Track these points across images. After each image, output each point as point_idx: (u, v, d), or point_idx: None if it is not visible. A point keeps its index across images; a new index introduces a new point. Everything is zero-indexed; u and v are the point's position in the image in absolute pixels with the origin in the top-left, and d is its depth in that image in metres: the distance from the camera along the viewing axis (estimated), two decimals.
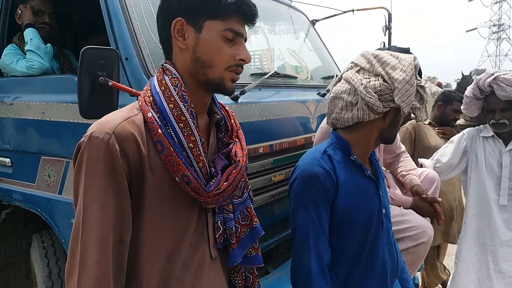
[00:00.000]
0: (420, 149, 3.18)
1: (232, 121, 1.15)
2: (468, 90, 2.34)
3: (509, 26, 72.47)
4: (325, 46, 3.14)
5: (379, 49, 1.89)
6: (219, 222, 1.08)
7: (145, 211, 0.97)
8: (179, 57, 1.04)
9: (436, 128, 3.20)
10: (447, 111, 3.19)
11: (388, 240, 1.41)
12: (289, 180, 1.38)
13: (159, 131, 0.95)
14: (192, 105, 1.00)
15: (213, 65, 1.00)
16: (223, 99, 1.27)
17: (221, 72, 1.01)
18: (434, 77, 6.73)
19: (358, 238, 1.32)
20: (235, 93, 1.81)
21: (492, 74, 2.21)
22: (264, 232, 1.19)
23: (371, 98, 1.27)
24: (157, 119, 0.97)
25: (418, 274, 2.99)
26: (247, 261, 1.17)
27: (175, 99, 0.99)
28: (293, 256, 1.34)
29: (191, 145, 0.98)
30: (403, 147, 2.33)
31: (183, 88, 1.01)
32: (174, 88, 1.00)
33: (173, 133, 0.97)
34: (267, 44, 2.67)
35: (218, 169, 1.03)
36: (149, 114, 0.97)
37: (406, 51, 1.84)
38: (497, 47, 73.75)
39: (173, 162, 0.95)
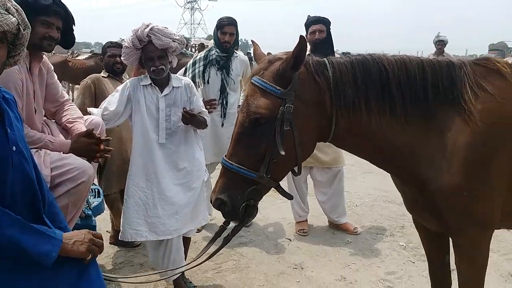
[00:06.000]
0: (101, 102, 3.31)
1: None
2: (128, 41, 2.56)
3: None
4: None
5: None
6: None
7: None
8: None
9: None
10: (106, 60, 3.52)
11: (22, 176, 1.43)
12: None
13: None
14: None
15: None
16: None
17: None
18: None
19: None
20: None
21: (148, 25, 2.51)
22: None
23: None
24: None
25: (99, 218, 3.17)
26: None
27: None
28: None
29: None
30: (66, 96, 2.36)
31: None
32: None
33: None
34: None
35: None
36: None
37: None
38: (191, 16, 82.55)
39: None
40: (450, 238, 2.01)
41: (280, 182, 1.76)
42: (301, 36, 1.60)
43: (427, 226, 2.05)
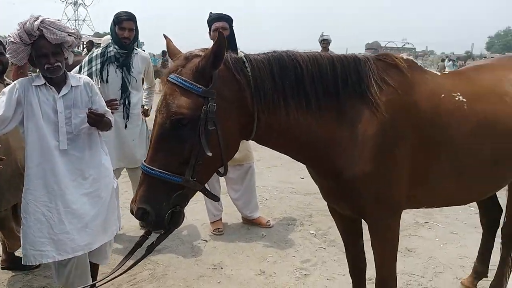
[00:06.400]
0: None
1: None
2: (14, 36, 2.24)
3: None
4: None
5: None
6: None
7: None
8: None
9: None
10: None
11: None
12: None
13: None
14: None
15: None
16: None
17: None
18: None
19: None
20: None
21: (38, 18, 2.22)
22: None
23: None
24: None
25: None
26: None
27: None
28: None
29: None
30: None
31: None
32: None
33: None
34: None
35: None
36: None
37: None
38: (75, 12, 76.65)
39: None
40: (362, 223, 2.16)
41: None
42: (219, 33, 1.55)
43: (344, 213, 2.17)
